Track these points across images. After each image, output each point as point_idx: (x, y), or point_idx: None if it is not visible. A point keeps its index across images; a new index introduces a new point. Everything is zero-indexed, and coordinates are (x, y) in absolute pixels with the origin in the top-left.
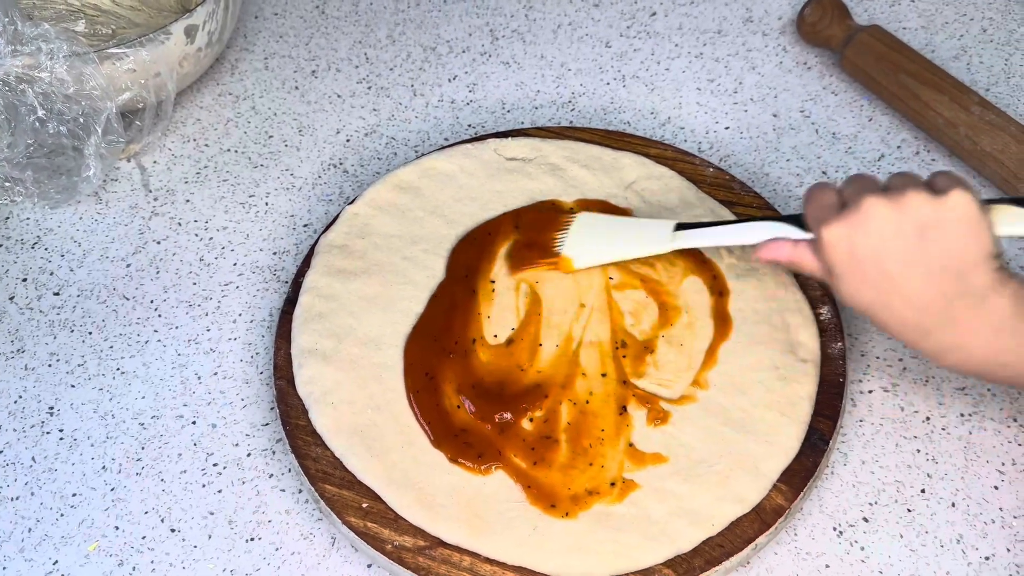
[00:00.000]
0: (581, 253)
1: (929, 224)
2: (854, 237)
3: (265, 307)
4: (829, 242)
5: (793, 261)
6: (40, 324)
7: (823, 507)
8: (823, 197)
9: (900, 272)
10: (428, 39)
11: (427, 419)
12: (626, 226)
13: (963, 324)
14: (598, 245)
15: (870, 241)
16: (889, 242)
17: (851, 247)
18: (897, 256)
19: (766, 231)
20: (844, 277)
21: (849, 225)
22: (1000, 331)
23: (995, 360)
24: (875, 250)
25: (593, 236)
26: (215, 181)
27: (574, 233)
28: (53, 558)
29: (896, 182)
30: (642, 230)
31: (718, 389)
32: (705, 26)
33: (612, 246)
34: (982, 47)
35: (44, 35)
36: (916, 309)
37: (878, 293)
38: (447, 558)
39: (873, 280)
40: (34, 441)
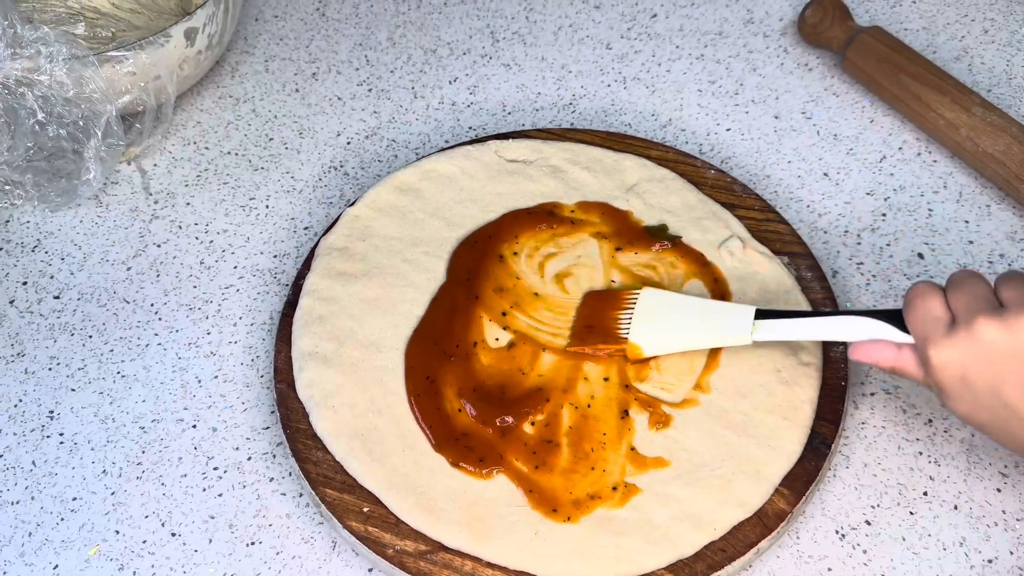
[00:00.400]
0: (649, 339)
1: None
2: (967, 363)
3: (265, 310)
4: (939, 365)
5: (896, 368)
6: (40, 328)
7: (825, 510)
8: (929, 306)
9: (1018, 399)
10: (429, 41)
11: (428, 423)
12: (698, 308)
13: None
14: (668, 330)
15: (985, 368)
16: (1006, 370)
17: (963, 372)
18: (1015, 384)
19: (863, 329)
20: (956, 398)
21: (961, 350)
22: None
23: None
24: (991, 377)
25: (660, 317)
26: (215, 184)
27: (640, 313)
28: (53, 562)
29: (1010, 295)
30: (718, 315)
31: (720, 393)
32: (706, 28)
33: (683, 332)
34: (984, 48)
35: (44, 38)
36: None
37: (994, 417)
38: (448, 563)
39: (988, 405)
40: (34, 445)
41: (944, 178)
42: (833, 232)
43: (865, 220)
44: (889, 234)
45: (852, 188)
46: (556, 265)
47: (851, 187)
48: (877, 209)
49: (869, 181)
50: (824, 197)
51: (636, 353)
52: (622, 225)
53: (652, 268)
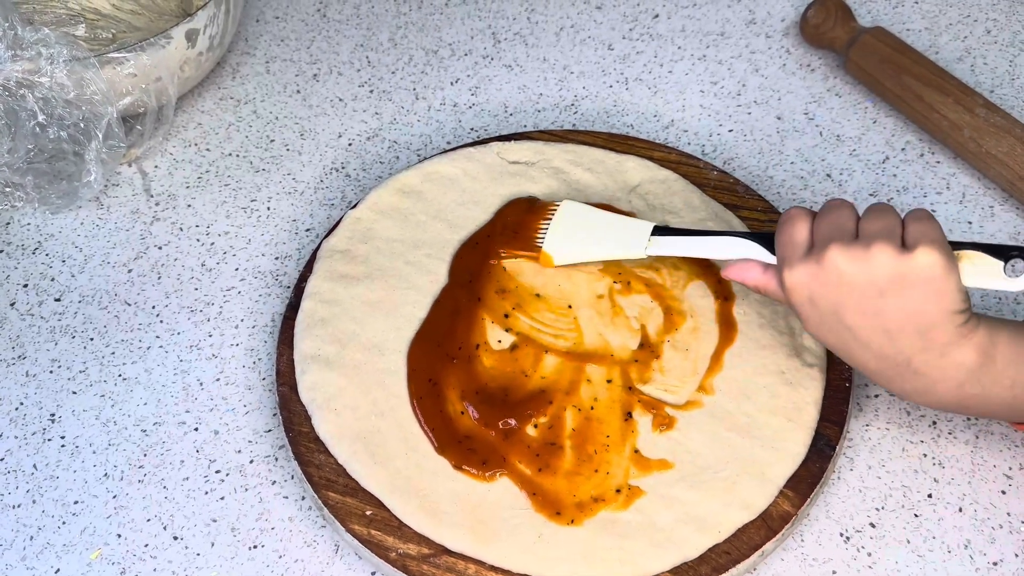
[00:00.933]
0: (561, 250)
1: (891, 283)
2: (813, 286)
3: (267, 312)
4: (790, 286)
5: (759, 287)
6: (41, 330)
7: (830, 513)
8: (794, 230)
9: (858, 326)
10: (430, 42)
11: (431, 425)
12: (607, 223)
13: (925, 375)
14: (578, 242)
15: (829, 293)
16: (848, 297)
17: (811, 295)
18: (855, 311)
19: (739, 248)
20: (806, 319)
21: (810, 273)
22: (963, 383)
23: (961, 404)
24: (833, 302)
25: (575, 230)
26: (216, 186)
27: (556, 224)
28: (55, 566)
29: (868, 227)
30: (621, 230)
31: (724, 394)
32: (708, 28)
33: (589, 245)
34: (986, 49)
35: (44, 40)
36: (876, 359)
37: (839, 340)
38: (451, 566)
39: (833, 328)
40: (35, 448)
41: (947, 179)
42: None
43: None
44: None
45: (855, 189)
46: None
47: (854, 188)
48: None
49: (872, 182)
50: (827, 198)
51: (547, 262)
52: None
53: (655, 269)
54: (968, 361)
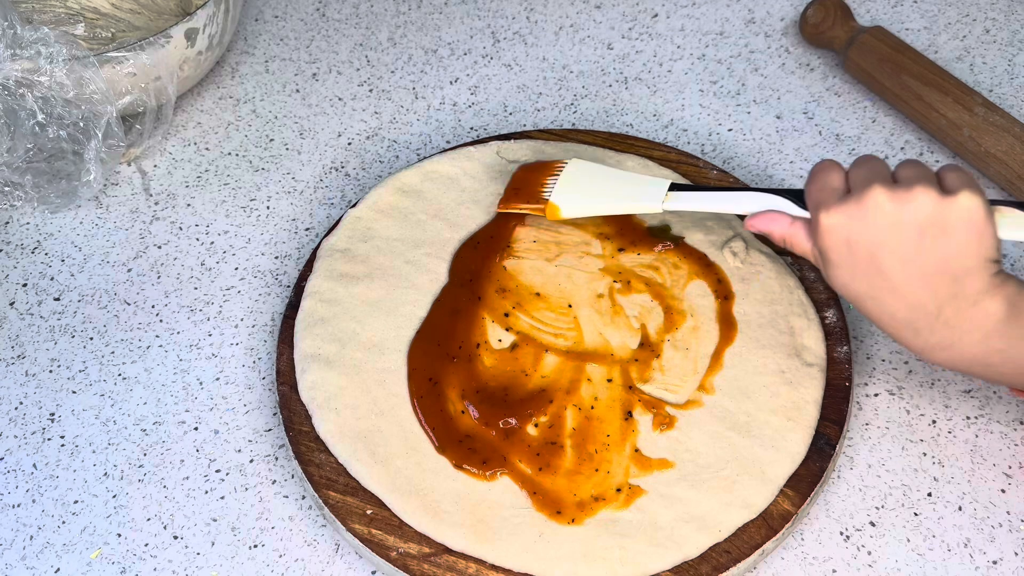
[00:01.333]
0: (569, 201)
1: (932, 224)
2: (853, 227)
3: (267, 312)
4: (826, 228)
5: (786, 238)
6: (41, 330)
7: (830, 511)
8: (829, 178)
9: (895, 269)
10: (429, 41)
11: (431, 425)
12: (619, 179)
13: (954, 326)
14: (588, 195)
15: (868, 234)
16: (888, 237)
17: (848, 237)
18: (894, 253)
19: (764, 202)
20: (837, 265)
21: (849, 214)
22: (990, 335)
23: (983, 360)
24: (872, 243)
25: (584, 185)
26: (216, 185)
27: (564, 181)
28: (55, 566)
29: (906, 173)
30: (635, 186)
31: (724, 394)
32: (707, 27)
33: (601, 198)
34: (985, 48)
35: (43, 39)
36: (908, 307)
37: (870, 287)
38: (452, 565)
39: (866, 273)
40: (35, 448)
41: None
42: None
43: None
44: None
45: None
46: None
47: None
48: None
49: None
50: None
51: (554, 213)
52: (624, 225)
53: (655, 268)
54: (998, 312)
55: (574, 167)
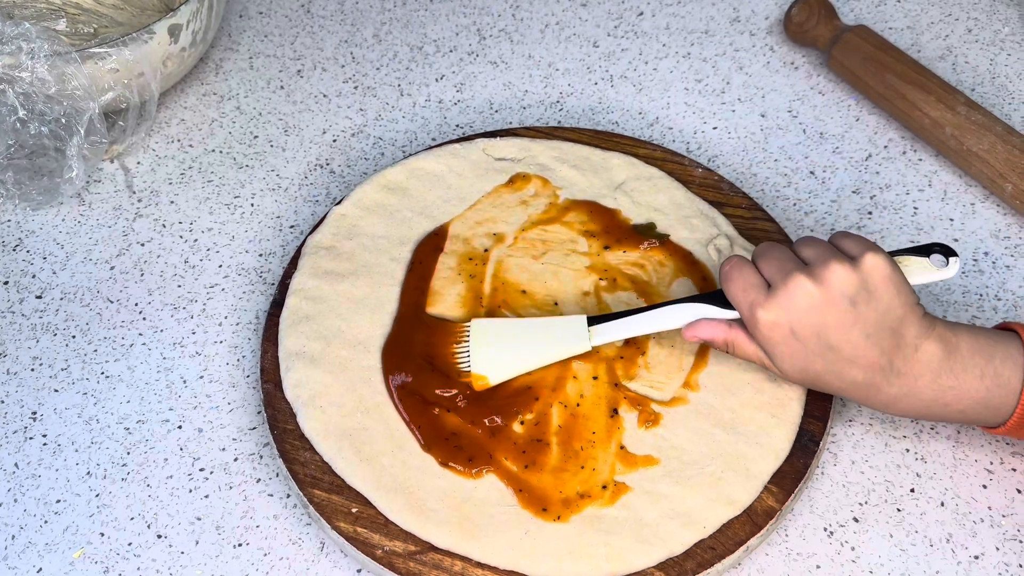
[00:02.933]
0: (492, 367)
1: (856, 292)
2: (792, 316)
3: (251, 309)
4: (768, 324)
5: (728, 342)
6: (22, 328)
7: (813, 507)
8: (745, 276)
9: (841, 339)
10: (415, 38)
11: (416, 423)
12: (534, 328)
13: (905, 372)
14: (509, 355)
15: (808, 318)
16: (826, 315)
17: (790, 325)
18: (836, 326)
19: (688, 313)
20: (789, 355)
21: (783, 306)
22: (939, 374)
23: (941, 400)
24: (814, 325)
25: (499, 345)
26: (200, 182)
27: (476, 345)
28: (37, 566)
29: (809, 254)
30: (554, 330)
31: (709, 391)
32: (692, 26)
33: (525, 352)
34: (967, 47)
35: (25, 34)
36: (863, 369)
37: (826, 362)
38: (438, 563)
39: (818, 351)
40: (17, 447)
41: (929, 176)
42: (819, 230)
43: (851, 218)
44: (875, 232)
45: (838, 186)
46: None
47: (837, 185)
48: (863, 207)
49: (855, 179)
50: (810, 195)
51: (483, 383)
52: (610, 223)
53: (640, 267)
54: (937, 351)
55: (479, 328)
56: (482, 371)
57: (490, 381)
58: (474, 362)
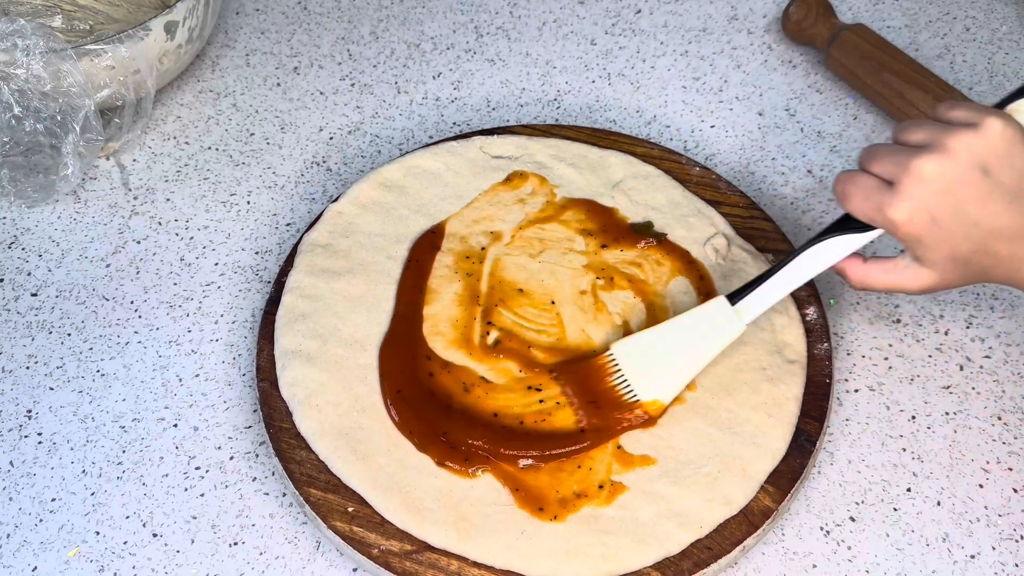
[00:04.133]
0: (658, 388)
1: (986, 159)
2: (927, 202)
3: (247, 308)
4: (905, 220)
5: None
6: (17, 325)
7: (810, 507)
8: (862, 184)
9: (983, 213)
10: (412, 36)
11: (409, 427)
12: (679, 330)
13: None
14: (666, 367)
15: (943, 201)
16: (961, 191)
17: (928, 212)
18: (974, 200)
19: (831, 253)
20: (934, 246)
21: (915, 195)
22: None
23: None
24: (951, 204)
25: (650, 361)
26: (196, 179)
27: (630, 370)
28: (32, 564)
29: (922, 137)
30: (700, 324)
31: (705, 390)
32: (690, 24)
33: (682, 359)
34: (965, 46)
35: (20, 31)
36: (1011, 240)
37: (973, 243)
38: (434, 562)
39: (963, 232)
40: (12, 445)
41: None
42: (817, 229)
43: None
44: None
45: None
46: (541, 260)
47: None
48: None
49: None
50: (808, 194)
51: (659, 407)
52: (607, 222)
53: (637, 266)
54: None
55: (623, 353)
56: (651, 395)
57: (663, 402)
58: (638, 389)
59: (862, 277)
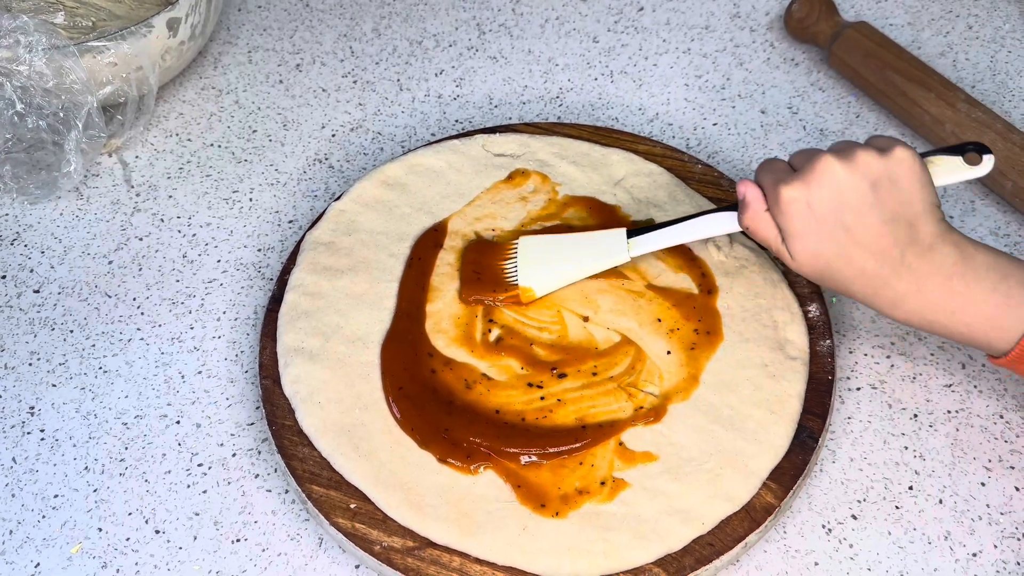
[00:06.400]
0: (538, 280)
1: (880, 177)
2: (812, 193)
3: (250, 305)
4: (788, 200)
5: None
6: (20, 322)
7: (812, 505)
8: (776, 165)
9: (857, 222)
10: (414, 33)
11: (411, 424)
12: (576, 242)
13: (916, 269)
14: (552, 267)
15: (827, 195)
16: (846, 195)
17: (809, 203)
18: (854, 207)
19: (724, 221)
20: (803, 234)
21: (806, 183)
22: (950, 276)
23: (947, 306)
24: (833, 203)
25: (543, 259)
26: (198, 176)
27: (523, 261)
28: (35, 560)
29: (842, 146)
30: (594, 243)
31: (707, 387)
32: (692, 22)
33: (567, 265)
34: (968, 44)
35: (23, 28)
36: (874, 256)
37: (837, 245)
38: (436, 559)
39: (832, 232)
40: (15, 442)
41: None
42: None
43: None
44: None
45: None
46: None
47: None
48: None
49: None
50: None
51: (529, 296)
52: (609, 220)
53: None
54: (951, 255)
55: (526, 245)
56: (528, 283)
57: (535, 293)
58: (521, 276)
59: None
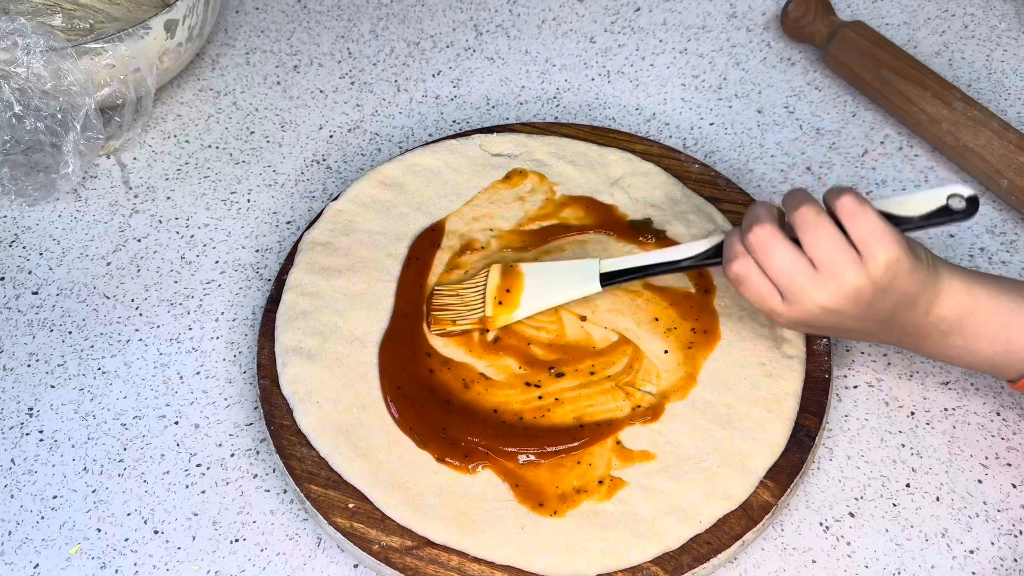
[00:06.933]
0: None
1: (869, 294)
2: (808, 320)
3: (248, 305)
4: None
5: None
6: (19, 324)
7: (809, 502)
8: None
9: (856, 327)
10: (411, 34)
11: (409, 423)
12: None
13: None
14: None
15: (823, 317)
16: (841, 313)
17: (808, 325)
18: (850, 319)
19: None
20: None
21: (799, 316)
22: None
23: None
24: (830, 321)
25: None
26: (196, 178)
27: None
28: (34, 561)
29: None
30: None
31: (705, 386)
32: (689, 22)
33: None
34: (964, 43)
35: (20, 30)
36: (869, 334)
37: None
38: (435, 558)
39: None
40: (13, 443)
41: (925, 172)
42: None
43: None
44: None
45: (834, 182)
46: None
47: (833, 181)
48: None
49: (851, 175)
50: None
51: (493, 324)
52: (607, 219)
53: None
54: (949, 317)
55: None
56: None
57: (499, 323)
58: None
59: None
